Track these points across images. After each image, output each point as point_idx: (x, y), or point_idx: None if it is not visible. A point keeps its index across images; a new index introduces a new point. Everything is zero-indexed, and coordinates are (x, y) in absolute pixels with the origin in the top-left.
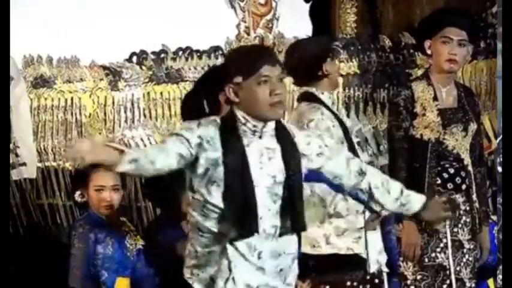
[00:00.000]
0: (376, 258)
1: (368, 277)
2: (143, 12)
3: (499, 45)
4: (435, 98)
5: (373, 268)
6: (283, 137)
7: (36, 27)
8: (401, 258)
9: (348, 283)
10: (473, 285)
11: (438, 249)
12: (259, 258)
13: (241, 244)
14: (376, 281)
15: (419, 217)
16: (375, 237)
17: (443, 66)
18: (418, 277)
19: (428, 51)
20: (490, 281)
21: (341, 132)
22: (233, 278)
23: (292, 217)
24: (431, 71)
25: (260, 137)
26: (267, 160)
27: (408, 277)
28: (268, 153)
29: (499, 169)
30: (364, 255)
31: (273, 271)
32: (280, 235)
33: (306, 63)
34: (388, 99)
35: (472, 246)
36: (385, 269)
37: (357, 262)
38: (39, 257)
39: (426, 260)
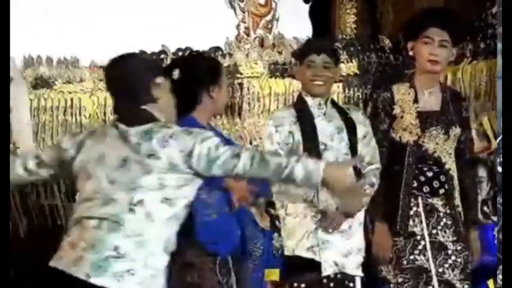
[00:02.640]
0: (334, 261)
1: (325, 281)
2: (143, 12)
3: (499, 46)
4: (416, 101)
5: (328, 271)
6: None
7: (36, 28)
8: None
9: (295, 284)
10: (465, 287)
11: (416, 252)
12: None
13: None
14: (332, 284)
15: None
16: (338, 239)
17: (425, 67)
18: (400, 280)
19: (411, 53)
20: (490, 282)
21: (298, 136)
22: None
23: None
24: (415, 73)
25: None
26: None
27: (391, 280)
28: None
29: (499, 169)
30: (314, 258)
31: None
32: None
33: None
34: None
35: (459, 248)
36: (352, 273)
37: (306, 264)
38: (39, 258)
39: (405, 262)
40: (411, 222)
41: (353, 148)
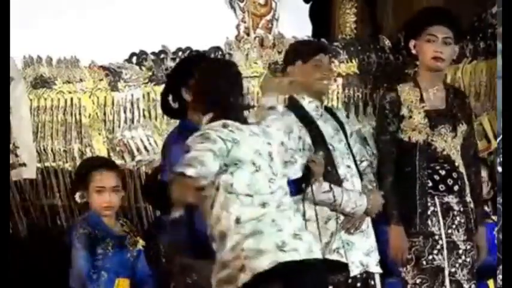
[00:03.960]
0: (360, 261)
1: (350, 281)
2: (143, 12)
3: (499, 46)
4: (422, 100)
5: (355, 271)
6: None
7: (36, 28)
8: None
9: None
10: (472, 286)
11: (435, 252)
12: None
13: None
14: (359, 284)
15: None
16: (359, 239)
17: (429, 65)
18: (418, 281)
19: (414, 51)
20: (490, 282)
21: (309, 140)
22: None
23: None
24: (418, 72)
25: None
26: None
27: (408, 281)
28: None
29: (499, 169)
30: (340, 259)
31: None
32: None
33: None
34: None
35: (468, 247)
36: (373, 270)
37: (333, 266)
38: (39, 258)
39: (424, 263)
40: (429, 222)
41: (350, 147)
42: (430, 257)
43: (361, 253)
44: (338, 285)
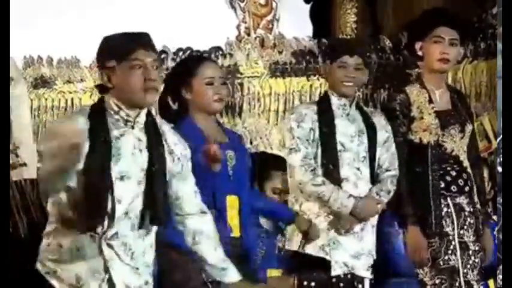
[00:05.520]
0: (345, 262)
1: (334, 280)
2: (143, 12)
3: (499, 46)
4: (430, 101)
5: (337, 271)
6: (152, 128)
7: (36, 28)
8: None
9: (305, 283)
10: (480, 287)
11: (449, 252)
12: (131, 258)
13: (116, 243)
14: (341, 284)
15: None
16: (349, 241)
17: (435, 66)
18: (437, 281)
19: (420, 53)
20: (490, 282)
21: (317, 134)
22: (109, 279)
23: (152, 212)
24: (423, 74)
25: (133, 127)
26: (139, 152)
27: (427, 282)
28: (139, 144)
29: (499, 169)
30: (325, 257)
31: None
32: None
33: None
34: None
35: (477, 248)
36: (361, 274)
37: (318, 263)
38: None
39: (441, 263)
40: (444, 223)
41: (371, 153)
42: (446, 257)
43: (347, 255)
44: (320, 282)
